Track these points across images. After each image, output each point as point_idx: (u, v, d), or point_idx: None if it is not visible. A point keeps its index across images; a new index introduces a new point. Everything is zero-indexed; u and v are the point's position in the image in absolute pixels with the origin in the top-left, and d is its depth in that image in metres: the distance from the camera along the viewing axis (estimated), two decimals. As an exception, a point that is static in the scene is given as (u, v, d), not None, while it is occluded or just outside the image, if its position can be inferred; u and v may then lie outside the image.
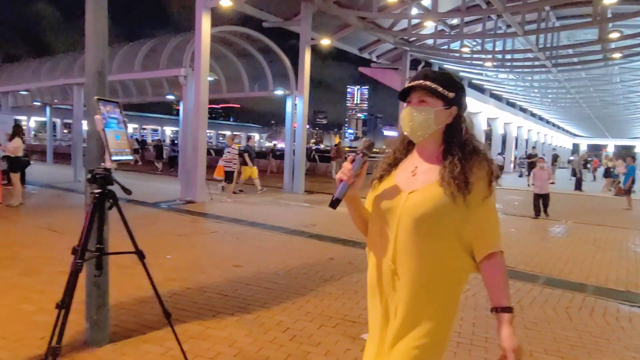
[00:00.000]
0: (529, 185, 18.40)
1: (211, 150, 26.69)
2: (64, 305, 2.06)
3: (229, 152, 11.56)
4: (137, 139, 34.78)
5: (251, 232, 7.62)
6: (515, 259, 6.44)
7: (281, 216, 9.40)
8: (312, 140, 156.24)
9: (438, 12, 14.60)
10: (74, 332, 3.29)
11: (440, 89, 1.46)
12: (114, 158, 2.11)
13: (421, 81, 1.47)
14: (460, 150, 1.45)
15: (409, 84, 1.50)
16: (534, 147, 25.98)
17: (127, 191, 2.24)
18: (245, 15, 13.60)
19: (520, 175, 26.09)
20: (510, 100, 34.53)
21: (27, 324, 3.49)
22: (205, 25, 10.54)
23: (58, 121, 51.97)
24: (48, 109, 22.52)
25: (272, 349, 3.27)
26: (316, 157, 25.29)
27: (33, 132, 57.76)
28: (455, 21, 16.97)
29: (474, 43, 19.03)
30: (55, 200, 10.75)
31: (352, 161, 1.49)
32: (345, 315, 4.00)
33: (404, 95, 1.53)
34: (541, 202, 10.48)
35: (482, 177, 1.42)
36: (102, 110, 2.12)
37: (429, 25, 16.64)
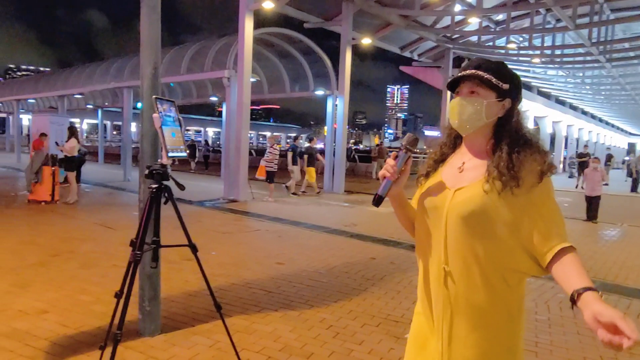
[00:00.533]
0: (577, 186, 17.58)
1: (252, 151, 27.17)
2: (123, 294, 2.16)
3: (270, 152, 11.74)
4: None
5: (293, 231, 7.70)
6: (566, 262, 6.17)
7: (322, 216, 9.45)
8: (352, 141, 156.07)
9: (483, 7, 14.23)
10: (127, 322, 3.42)
11: (494, 79, 1.36)
12: (170, 154, 2.21)
13: (473, 70, 1.39)
14: (509, 144, 1.35)
15: (460, 73, 1.42)
16: (585, 146, 24.63)
17: (180, 186, 2.33)
18: (286, 16, 13.78)
19: (571, 176, 24.90)
20: (559, 98, 33.07)
21: (85, 313, 3.69)
22: (247, 27, 10.75)
23: (108, 123, 54.62)
24: (100, 112, 23.70)
25: (316, 345, 3.30)
26: (356, 157, 25.23)
27: (85, 134, 60.93)
28: (500, 17, 16.45)
29: (521, 39, 18.37)
30: (107, 198, 11.30)
31: (396, 157, 1.43)
32: (389, 314, 3.97)
33: (455, 84, 1.45)
34: (591, 205, 9.94)
35: (533, 171, 1.32)
36: (159, 108, 2.23)
37: (473, 22, 16.22)
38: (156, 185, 2.27)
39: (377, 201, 1.41)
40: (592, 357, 3.30)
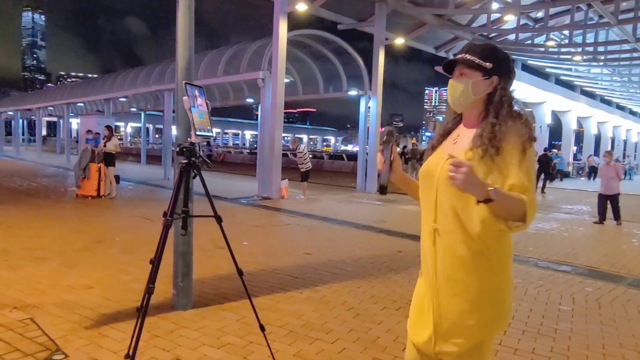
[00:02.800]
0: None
1: (288, 153, 27.56)
2: (156, 259, 2.41)
3: (299, 156, 11.87)
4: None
5: (322, 226, 7.89)
6: (599, 259, 6.05)
7: (352, 213, 9.59)
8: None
9: (521, 4, 13.98)
10: (163, 298, 3.74)
11: (477, 60, 1.56)
12: (198, 133, 2.46)
13: (460, 55, 1.60)
14: (495, 116, 1.52)
15: (448, 59, 1.64)
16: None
17: (208, 164, 2.57)
18: (320, 18, 14.03)
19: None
20: (605, 97, 31.71)
21: (125, 290, 4.01)
22: (282, 29, 11.06)
23: (150, 126, 56.85)
24: (142, 115, 24.80)
25: (336, 323, 3.47)
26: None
27: (129, 137, 63.66)
28: (539, 14, 16.06)
29: (562, 36, 17.85)
30: (148, 194, 11.89)
31: (382, 152, 1.68)
32: (410, 300, 4.05)
33: (451, 69, 1.65)
34: (610, 205, 9.19)
35: (514, 141, 1.46)
36: (189, 93, 2.48)
37: (511, 20, 15.93)
38: (186, 161, 2.52)
39: (381, 190, 1.73)
40: (612, 343, 3.29)
